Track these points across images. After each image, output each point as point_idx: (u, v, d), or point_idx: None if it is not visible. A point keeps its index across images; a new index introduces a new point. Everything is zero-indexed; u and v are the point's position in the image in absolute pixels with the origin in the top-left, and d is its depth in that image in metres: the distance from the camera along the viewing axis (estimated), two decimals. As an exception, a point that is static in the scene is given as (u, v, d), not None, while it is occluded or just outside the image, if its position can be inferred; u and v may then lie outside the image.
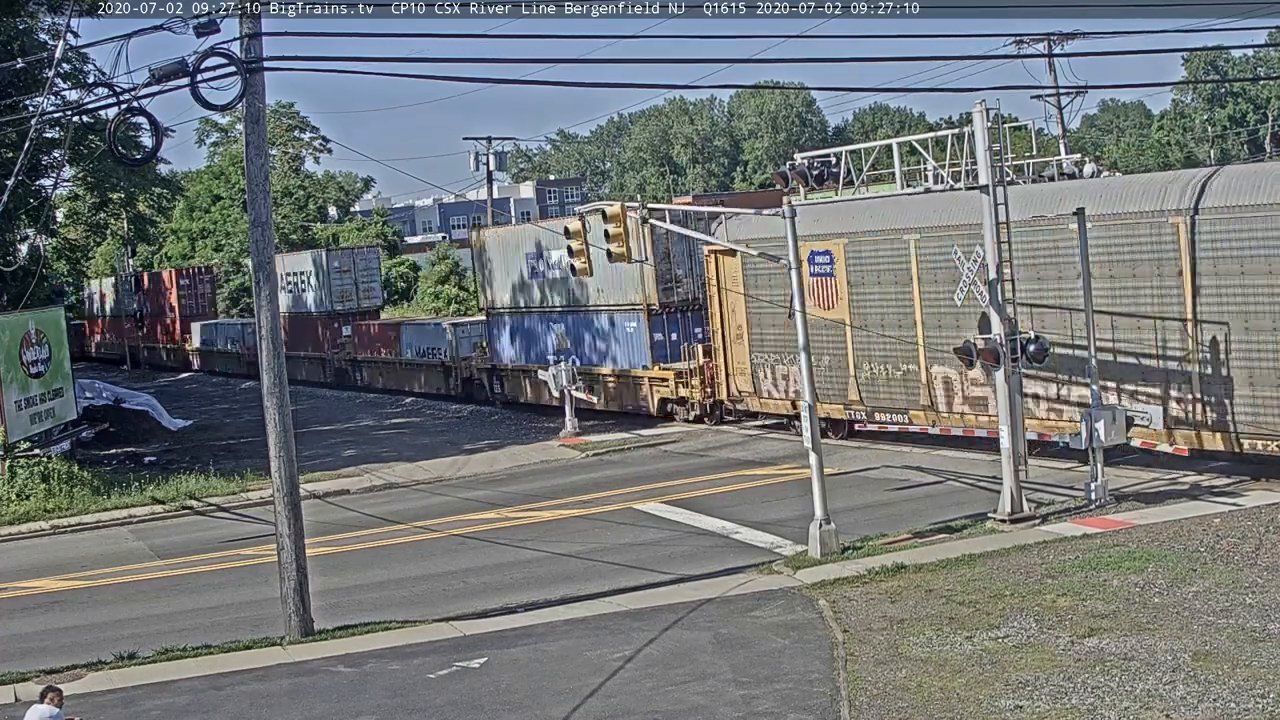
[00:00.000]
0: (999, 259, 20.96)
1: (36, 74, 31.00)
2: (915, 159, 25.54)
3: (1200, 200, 22.08)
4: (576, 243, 24.18)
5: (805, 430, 20.44)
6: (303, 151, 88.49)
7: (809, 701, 13.85)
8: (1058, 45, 49.68)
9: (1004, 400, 21.07)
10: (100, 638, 18.96)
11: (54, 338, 32.88)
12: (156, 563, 24.26)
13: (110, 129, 19.01)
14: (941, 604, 16.82)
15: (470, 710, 14.63)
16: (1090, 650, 14.56)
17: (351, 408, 45.61)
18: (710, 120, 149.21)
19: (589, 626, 17.44)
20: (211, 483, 30.76)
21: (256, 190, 18.64)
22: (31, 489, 30.12)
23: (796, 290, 20.67)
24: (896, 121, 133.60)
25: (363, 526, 25.90)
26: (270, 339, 18.36)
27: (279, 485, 18.51)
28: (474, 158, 67.70)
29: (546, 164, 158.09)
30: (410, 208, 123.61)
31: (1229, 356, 21.86)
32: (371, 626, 18.29)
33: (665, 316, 34.82)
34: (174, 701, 15.80)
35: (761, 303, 30.39)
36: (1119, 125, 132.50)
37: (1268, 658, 13.79)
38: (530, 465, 31.26)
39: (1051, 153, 39.97)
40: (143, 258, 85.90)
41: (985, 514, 21.25)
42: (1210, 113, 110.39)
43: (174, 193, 68.25)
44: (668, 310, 34.76)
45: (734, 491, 25.80)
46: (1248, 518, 19.56)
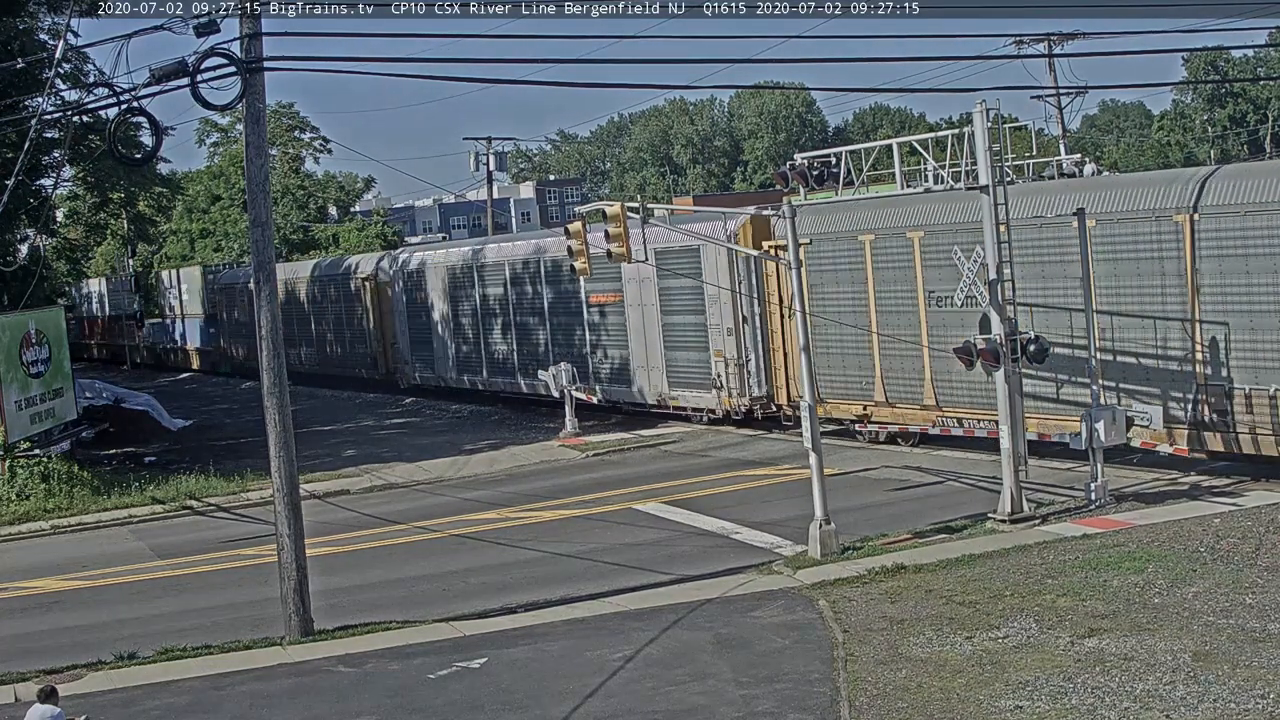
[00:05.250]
0: (999, 259, 20.98)
1: (36, 74, 30.97)
2: (915, 159, 25.54)
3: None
4: (576, 243, 24.22)
5: (805, 430, 20.45)
6: (303, 151, 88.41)
7: (809, 701, 13.85)
8: (1058, 45, 49.73)
9: (1004, 400, 21.08)
10: (100, 638, 18.96)
11: (54, 338, 32.88)
12: (156, 563, 24.26)
13: (110, 129, 19.05)
14: (941, 604, 16.82)
15: (470, 710, 14.63)
16: (1090, 650, 14.56)
17: (351, 408, 45.60)
18: (710, 120, 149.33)
19: (589, 626, 17.44)
20: (211, 483, 30.75)
21: (256, 190, 18.64)
22: (31, 489, 30.12)
23: (797, 290, 20.72)
24: (896, 121, 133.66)
25: (363, 526, 25.91)
26: (270, 339, 18.37)
27: (279, 485, 18.52)
28: (474, 158, 67.81)
29: (546, 164, 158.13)
30: (410, 208, 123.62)
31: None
32: (371, 626, 18.29)
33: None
34: (174, 701, 15.80)
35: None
36: (1119, 125, 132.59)
37: (1268, 658, 13.79)
38: (530, 465, 31.26)
39: (1051, 153, 40.04)
40: (143, 258, 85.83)
41: (985, 514, 21.25)
42: (1210, 113, 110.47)
43: (174, 192, 68.23)
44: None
45: (734, 492, 25.80)
46: (1248, 518, 19.56)
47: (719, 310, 31.47)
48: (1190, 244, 22.10)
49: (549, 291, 37.51)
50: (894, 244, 27.15)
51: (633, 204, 23.28)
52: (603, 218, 23.38)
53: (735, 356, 31.33)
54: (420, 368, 44.72)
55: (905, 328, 26.99)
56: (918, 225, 26.60)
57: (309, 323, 52.27)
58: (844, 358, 28.78)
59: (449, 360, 42.68)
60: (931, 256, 26.42)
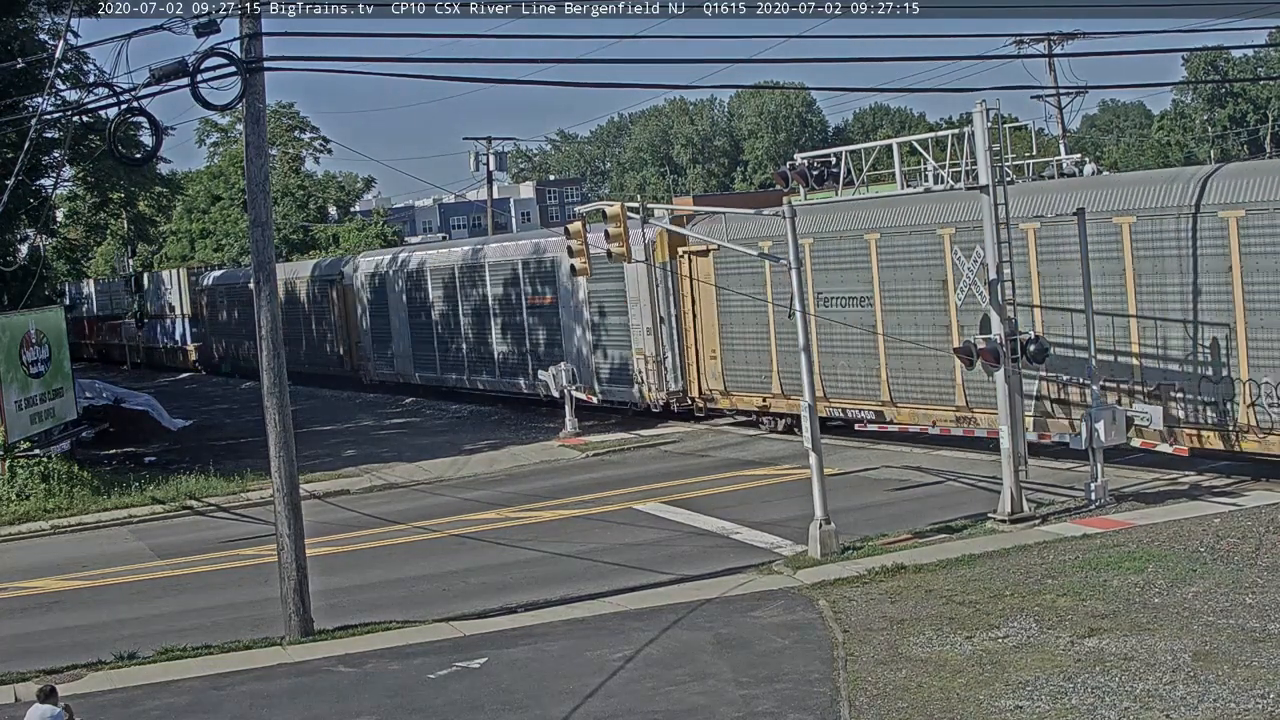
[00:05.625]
0: (999, 259, 20.98)
1: (36, 74, 30.97)
2: (915, 159, 25.55)
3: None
4: (576, 243, 24.22)
5: (805, 430, 20.46)
6: (303, 151, 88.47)
7: (809, 701, 13.85)
8: (1058, 45, 49.74)
9: (1004, 400, 21.08)
10: (100, 638, 18.96)
11: (54, 338, 32.88)
12: (156, 563, 24.26)
13: (110, 129, 19.05)
14: (941, 604, 16.82)
15: (470, 710, 14.63)
16: (1090, 650, 14.57)
17: (351, 408, 45.61)
18: (710, 120, 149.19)
19: (589, 626, 17.45)
20: (211, 483, 30.75)
21: (256, 190, 18.64)
22: (31, 489, 30.11)
23: (797, 290, 20.73)
24: (896, 121, 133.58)
25: (363, 526, 25.91)
26: (270, 339, 18.37)
27: (279, 485, 18.51)
28: (474, 158, 67.81)
29: (546, 164, 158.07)
30: (410, 208, 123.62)
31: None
32: (371, 626, 18.29)
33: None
34: (174, 701, 15.80)
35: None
36: (1119, 125, 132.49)
37: (1268, 658, 13.79)
38: (530, 465, 31.27)
39: (1052, 153, 40.01)
40: (143, 258, 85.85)
41: (985, 514, 21.25)
42: (1210, 113, 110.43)
43: (174, 192, 68.25)
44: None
45: (734, 491, 25.81)
46: (1248, 518, 19.57)
47: (640, 312, 33.92)
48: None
49: (494, 294, 40.07)
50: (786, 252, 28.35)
51: (633, 204, 23.29)
52: (603, 218, 23.38)
53: (654, 354, 33.69)
54: (381, 365, 47.10)
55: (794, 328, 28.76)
56: (807, 234, 27.32)
57: (284, 323, 53.24)
58: (747, 355, 31.51)
59: (408, 358, 45.12)
60: (820, 262, 28.90)
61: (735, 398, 32.03)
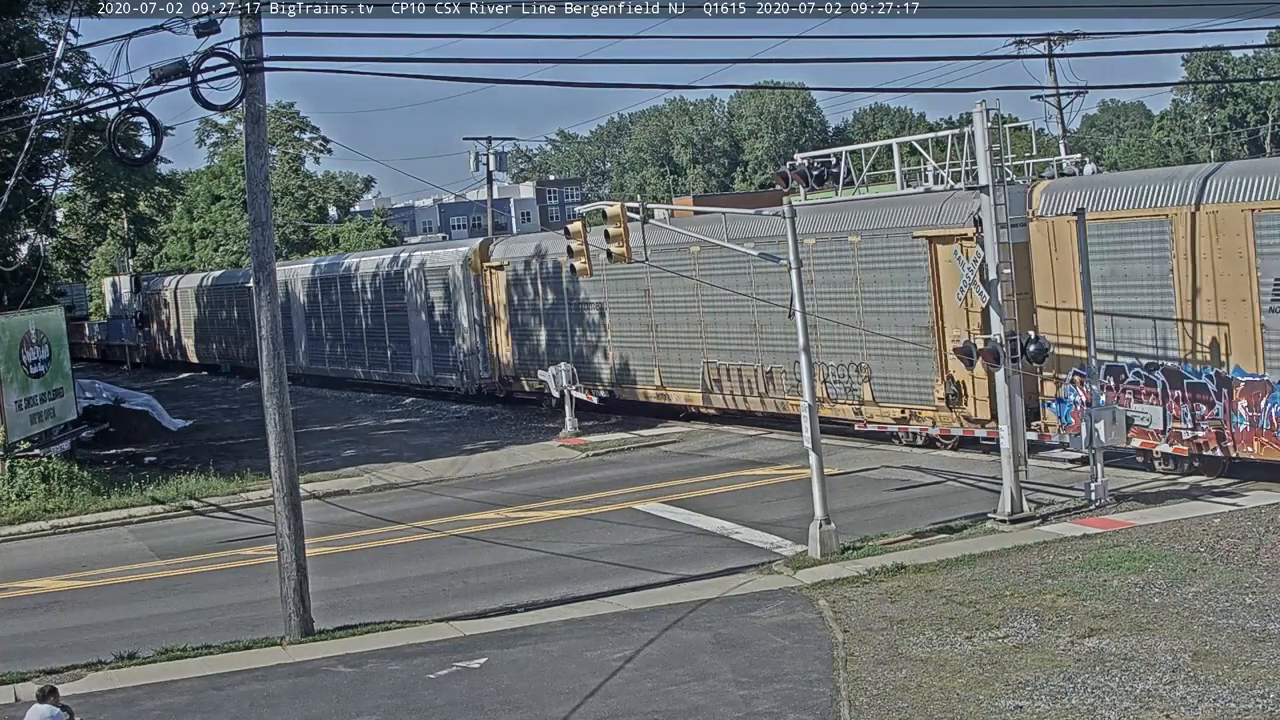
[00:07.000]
0: (999, 259, 20.98)
1: (36, 74, 30.95)
2: (915, 159, 25.56)
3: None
4: (576, 243, 24.18)
5: (805, 430, 20.45)
6: (303, 151, 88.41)
7: (809, 701, 13.85)
8: (1058, 45, 49.71)
9: (1004, 400, 21.08)
10: (100, 638, 18.96)
11: (54, 338, 32.88)
12: (156, 563, 24.26)
13: (110, 129, 19.03)
14: (941, 604, 16.82)
15: (470, 710, 14.64)
16: (1090, 650, 14.57)
17: (351, 408, 45.62)
18: (710, 120, 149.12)
19: (589, 626, 17.45)
20: (211, 483, 30.74)
21: (256, 190, 18.64)
22: (31, 489, 30.09)
23: (796, 290, 20.73)
24: (896, 121, 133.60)
25: (363, 526, 25.91)
26: (270, 339, 18.36)
27: (279, 485, 18.51)
28: (474, 158, 67.68)
29: (546, 164, 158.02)
30: (410, 208, 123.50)
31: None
32: (371, 626, 18.29)
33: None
34: (174, 701, 15.80)
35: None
36: (1119, 125, 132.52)
37: (1268, 658, 13.80)
38: (530, 465, 31.27)
39: (1051, 153, 40.00)
40: (143, 258, 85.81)
41: (985, 514, 21.25)
42: (1210, 113, 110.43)
43: (174, 192, 68.27)
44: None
45: (734, 491, 25.81)
46: (1248, 518, 19.57)
47: (462, 313, 41.66)
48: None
49: (363, 299, 47.89)
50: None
51: (633, 204, 23.27)
52: (603, 218, 23.37)
53: (468, 348, 41.51)
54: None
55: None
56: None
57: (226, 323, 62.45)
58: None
59: (301, 353, 52.30)
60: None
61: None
